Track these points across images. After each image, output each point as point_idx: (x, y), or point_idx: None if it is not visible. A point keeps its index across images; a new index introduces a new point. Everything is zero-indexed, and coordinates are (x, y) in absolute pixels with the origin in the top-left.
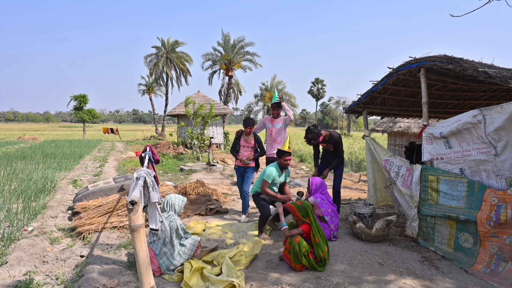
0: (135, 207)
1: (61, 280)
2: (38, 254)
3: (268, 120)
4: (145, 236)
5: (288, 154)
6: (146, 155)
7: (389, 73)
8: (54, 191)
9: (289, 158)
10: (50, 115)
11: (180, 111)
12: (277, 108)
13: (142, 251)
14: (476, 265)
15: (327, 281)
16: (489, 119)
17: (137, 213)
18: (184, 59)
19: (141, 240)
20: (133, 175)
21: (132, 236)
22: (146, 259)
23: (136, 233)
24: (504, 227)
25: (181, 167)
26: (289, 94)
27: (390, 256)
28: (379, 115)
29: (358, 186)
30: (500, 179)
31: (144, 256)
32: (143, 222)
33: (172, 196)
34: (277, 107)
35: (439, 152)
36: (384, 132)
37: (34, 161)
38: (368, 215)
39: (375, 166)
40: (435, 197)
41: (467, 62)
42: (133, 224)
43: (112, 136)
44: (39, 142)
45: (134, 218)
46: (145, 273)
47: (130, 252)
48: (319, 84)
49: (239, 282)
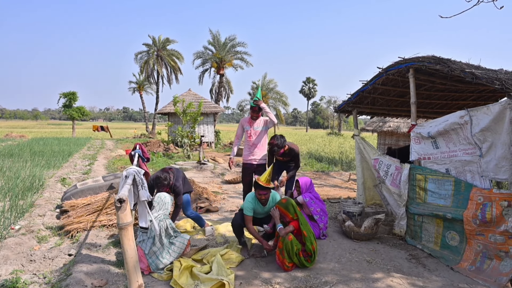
0: (123, 205)
1: (48, 279)
2: (25, 253)
3: (246, 122)
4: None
5: (263, 189)
6: (136, 153)
7: (378, 73)
8: (42, 189)
9: (263, 193)
10: (39, 113)
11: (170, 109)
12: (258, 111)
13: (130, 249)
14: (462, 262)
15: (316, 279)
16: (476, 120)
17: (125, 211)
18: (175, 56)
19: (129, 238)
20: (122, 173)
21: (120, 234)
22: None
23: (124, 231)
24: (489, 225)
25: (171, 165)
26: (281, 93)
27: (378, 254)
28: (368, 115)
29: (347, 185)
30: (484, 180)
31: (132, 254)
32: (131, 220)
33: (160, 194)
34: (258, 110)
35: (427, 152)
36: (374, 131)
37: (21, 159)
38: (357, 213)
39: (364, 165)
40: (423, 196)
41: (454, 63)
42: (121, 222)
43: (102, 134)
44: (27, 140)
45: (122, 216)
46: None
47: (119, 251)
48: (311, 83)
49: (228, 281)
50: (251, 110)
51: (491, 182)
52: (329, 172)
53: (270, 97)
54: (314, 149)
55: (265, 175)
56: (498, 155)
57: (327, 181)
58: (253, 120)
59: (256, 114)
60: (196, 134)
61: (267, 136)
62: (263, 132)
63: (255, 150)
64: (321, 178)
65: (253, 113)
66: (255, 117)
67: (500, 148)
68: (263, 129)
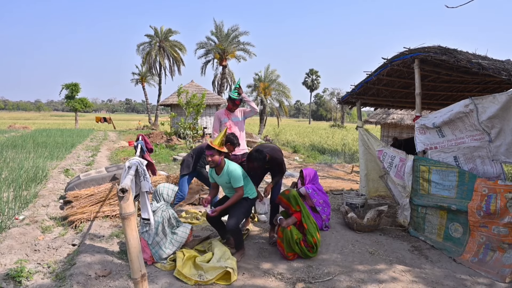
0: (125, 195)
1: (52, 268)
2: (29, 243)
3: (223, 114)
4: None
5: (209, 148)
6: (139, 144)
7: (383, 63)
8: (45, 180)
9: (209, 153)
10: (42, 104)
11: (173, 100)
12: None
13: (133, 239)
14: (465, 254)
15: (318, 269)
16: (481, 108)
17: (128, 201)
18: (177, 47)
19: (132, 228)
20: (124, 164)
21: (123, 224)
22: (137, 247)
23: (127, 221)
24: (493, 217)
25: (174, 157)
26: (283, 85)
27: (380, 246)
28: (372, 106)
29: (350, 177)
30: (495, 164)
31: (135, 244)
32: (134, 210)
33: (161, 185)
34: (240, 103)
35: (433, 141)
36: (377, 123)
37: (25, 150)
38: (359, 205)
39: (368, 157)
40: (427, 187)
41: (461, 53)
42: (124, 212)
43: (105, 125)
44: (30, 131)
45: (125, 206)
46: (136, 261)
47: (122, 241)
48: (314, 75)
49: (232, 268)
50: (231, 103)
51: (502, 166)
52: (331, 164)
53: (272, 88)
54: (317, 141)
55: (218, 138)
56: (508, 141)
57: (329, 173)
58: (230, 112)
59: (236, 107)
60: (198, 125)
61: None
62: (241, 122)
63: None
64: (324, 170)
65: (233, 106)
66: (233, 109)
67: (510, 134)
68: (241, 119)
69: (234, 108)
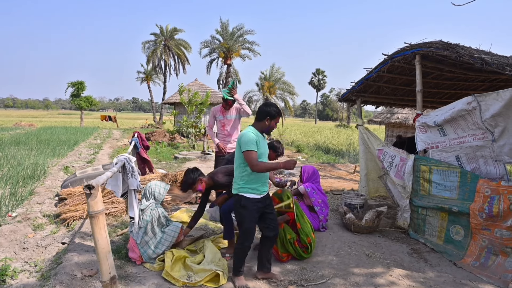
0: (92, 192)
1: (39, 267)
2: (18, 241)
3: (218, 111)
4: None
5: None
6: (133, 141)
7: (383, 60)
8: (44, 177)
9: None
10: (50, 102)
11: (176, 99)
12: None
13: (101, 238)
14: (466, 258)
15: (312, 272)
16: (485, 105)
17: (95, 198)
18: (182, 46)
19: (100, 227)
20: (113, 161)
21: (91, 223)
22: (105, 248)
23: (94, 220)
24: (496, 219)
25: (175, 155)
26: (288, 83)
27: (378, 248)
28: (373, 104)
29: (352, 177)
30: (498, 165)
31: (104, 244)
32: (102, 208)
33: (152, 183)
34: (232, 103)
35: (434, 140)
36: (382, 123)
37: (27, 147)
38: (359, 206)
39: (368, 156)
40: (427, 188)
41: (463, 49)
42: (91, 210)
43: (110, 123)
44: (35, 129)
45: (93, 203)
46: (105, 262)
47: (113, 240)
48: (320, 75)
49: (222, 270)
50: (224, 102)
51: (506, 167)
52: (334, 164)
53: (277, 87)
54: (322, 141)
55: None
56: None
57: (331, 172)
58: (226, 109)
59: (229, 106)
60: (201, 124)
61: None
62: (236, 121)
63: (231, 139)
64: (326, 169)
65: (226, 105)
66: (228, 108)
67: None
68: (236, 118)
69: (227, 107)
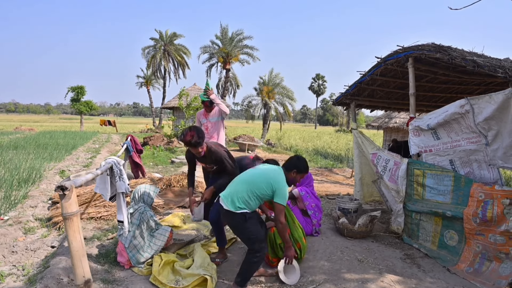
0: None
1: (27, 271)
2: (7, 244)
3: (202, 115)
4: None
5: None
6: (125, 145)
7: (377, 63)
8: (39, 181)
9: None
10: (51, 107)
11: (175, 103)
12: (210, 105)
13: (75, 241)
14: (460, 264)
15: (303, 277)
16: (477, 108)
17: (69, 200)
18: (182, 51)
19: (74, 229)
20: (101, 163)
21: (65, 225)
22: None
23: (68, 222)
24: (490, 224)
25: (172, 159)
26: (287, 88)
27: (371, 253)
28: (368, 108)
29: (349, 181)
30: (492, 169)
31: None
32: (76, 210)
33: (141, 186)
34: (209, 105)
35: (427, 144)
36: (380, 128)
37: (25, 151)
38: (352, 210)
39: (362, 160)
40: (421, 192)
41: (455, 51)
42: (65, 211)
43: (110, 128)
44: (35, 133)
45: (66, 205)
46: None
47: (102, 244)
48: (320, 80)
49: (211, 275)
50: (203, 104)
51: (500, 171)
52: (332, 169)
53: (276, 92)
54: (321, 146)
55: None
56: (505, 144)
57: (328, 177)
58: (208, 112)
59: (209, 108)
60: None
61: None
62: (219, 122)
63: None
64: (323, 174)
65: (205, 107)
66: (208, 110)
67: (507, 137)
68: (218, 119)
69: (208, 109)
